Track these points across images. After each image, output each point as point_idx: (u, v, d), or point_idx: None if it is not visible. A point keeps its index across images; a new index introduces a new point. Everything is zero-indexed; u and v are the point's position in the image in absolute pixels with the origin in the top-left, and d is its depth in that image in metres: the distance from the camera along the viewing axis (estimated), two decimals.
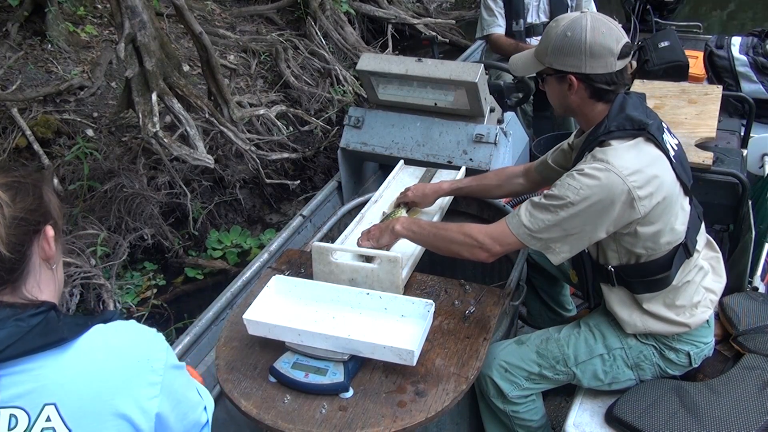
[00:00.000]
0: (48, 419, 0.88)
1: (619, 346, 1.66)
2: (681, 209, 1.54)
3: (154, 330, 1.02)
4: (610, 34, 1.48)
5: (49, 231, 0.96)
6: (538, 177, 1.96)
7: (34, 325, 0.89)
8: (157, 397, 0.94)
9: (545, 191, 1.54)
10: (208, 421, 1.07)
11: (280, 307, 1.63)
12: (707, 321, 1.67)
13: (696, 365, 1.68)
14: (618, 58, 1.49)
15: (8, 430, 0.88)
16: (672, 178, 1.50)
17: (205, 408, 1.07)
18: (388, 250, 1.80)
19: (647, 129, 1.49)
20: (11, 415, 0.88)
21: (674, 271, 1.58)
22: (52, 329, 0.90)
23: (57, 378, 0.89)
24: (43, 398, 0.88)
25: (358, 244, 1.84)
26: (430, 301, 1.57)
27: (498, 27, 3.35)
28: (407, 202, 2.09)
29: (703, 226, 1.70)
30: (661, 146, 1.50)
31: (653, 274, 1.58)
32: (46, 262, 0.98)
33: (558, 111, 1.68)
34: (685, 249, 1.58)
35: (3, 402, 0.88)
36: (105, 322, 0.98)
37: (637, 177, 1.44)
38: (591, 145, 1.53)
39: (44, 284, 0.98)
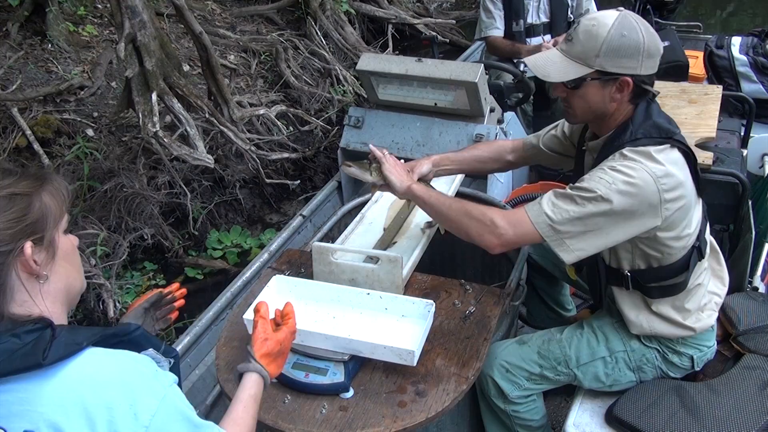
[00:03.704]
0: None
1: (621, 349, 1.65)
2: (696, 212, 1.54)
3: (165, 376, 0.94)
4: (655, 33, 1.44)
5: (27, 249, 0.90)
6: (526, 155, 1.93)
7: (28, 342, 0.86)
8: None
9: (572, 184, 1.48)
10: None
11: (280, 307, 1.62)
12: (711, 326, 1.66)
13: (698, 369, 1.68)
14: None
15: None
16: (692, 183, 1.49)
17: None
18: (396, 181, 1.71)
19: (674, 137, 1.47)
20: None
21: (689, 274, 1.57)
22: (36, 351, 0.85)
23: (38, 405, 0.85)
24: (24, 423, 0.85)
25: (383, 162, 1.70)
26: (431, 302, 1.57)
27: (496, 29, 3.35)
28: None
29: (708, 226, 1.70)
30: (687, 153, 1.48)
31: (670, 278, 1.56)
32: (33, 277, 0.93)
33: (582, 117, 1.57)
34: (698, 251, 1.57)
35: None
36: (113, 337, 0.93)
37: (667, 180, 1.41)
38: (615, 150, 1.47)
39: (39, 298, 0.93)
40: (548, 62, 1.50)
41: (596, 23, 1.43)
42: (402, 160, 2.46)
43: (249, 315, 1.56)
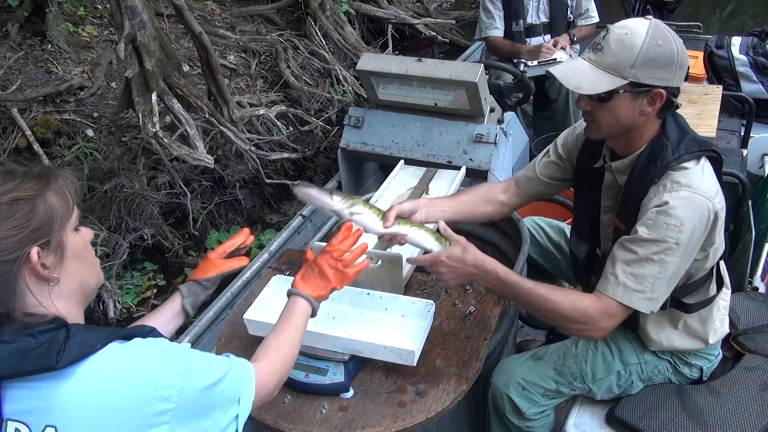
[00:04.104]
0: None
1: (635, 362, 1.63)
2: None
3: (178, 350, 0.95)
4: (681, 42, 1.39)
5: (33, 256, 0.89)
6: (523, 191, 1.79)
7: (43, 342, 0.87)
8: (166, 425, 0.89)
9: (631, 238, 1.39)
10: (237, 430, 1.01)
11: (280, 307, 1.62)
12: (725, 334, 1.65)
13: (705, 378, 1.67)
14: None
15: None
16: None
17: (236, 417, 1.00)
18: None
19: (711, 149, 1.43)
20: (16, 429, 0.87)
21: (720, 283, 1.56)
22: (50, 352, 0.86)
23: (59, 401, 0.86)
24: (45, 419, 0.86)
25: (422, 263, 1.51)
26: (431, 302, 1.57)
27: (495, 29, 3.36)
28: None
29: None
30: (719, 163, 1.45)
31: (706, 290, 1.54)
32: (43, 281, 0.92)
33: (607, 132, 1.46)
34: (722, 259, 1.55)
35: (9, 414, 0.87)
36: (127, 338, 0.93)
37: (719, 199, 1.39)
38: (660, 171, 1.40)
39: (50, 301, 0.93)
40: (578, 73, 1.40)
41: (629, 32, 1.35)
42: (402, 161, 2.48)
43: (249, 315, 1.56)
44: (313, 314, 1.29)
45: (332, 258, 1.30)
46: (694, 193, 1.35)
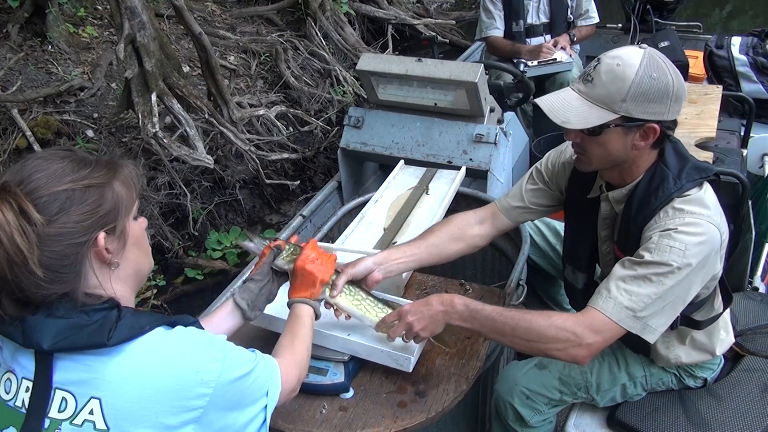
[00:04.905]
0: (91, 412, 0.90)
1: (641, 374, 1.62)
2: None
3: (217, 339, 1.01)
4: (680, 74, 1.33)
5: (100, 240, 0.94)
6: (508, 223, 1.72)
7: (96, 320, 0.91)
8: (201, 409, 0.93)
9: (633, 259, 1.33)
10: (265, 420, 1.06)
11: (283, 302, 1.62)
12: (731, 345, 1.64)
13: (708, 386, 1.66)
14: None
15: (58, 411, 0.91)
16: None
17: (264, 408, 1.06)
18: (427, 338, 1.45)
19: (712, 174, 1.39)
20: (63, 398, 0.91)
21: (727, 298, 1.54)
22: (102, 330, 0.90)
23: (107, 375, 0.90)
24: (91, 390, 0.90)
25: (387, 334, 1.42)
26: None
27: (495, 29, 3.36)
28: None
29: None
30: (718, 185, 1.42)
31: (711, 306, 1.52)
32: (105, 264, 0.97)
33: (598, 165, 1.41)
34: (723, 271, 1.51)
35: (58, 383, 0.91)
36: (171, 325, 0.97)
37: (723, 223, 1.35)
38: (662, 203, 1.35)
39: (109, 284, 0.97)
40: (566, 105, 1.33)
41: (621, 63, 1.28)
42: (402, 161, 2.49)
43: None
44: (317, 316, 1.36)
45: (307, 259, 1.38)
46: (699, 219, 1.31)
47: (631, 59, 1.29)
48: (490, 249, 2.19)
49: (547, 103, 1.37)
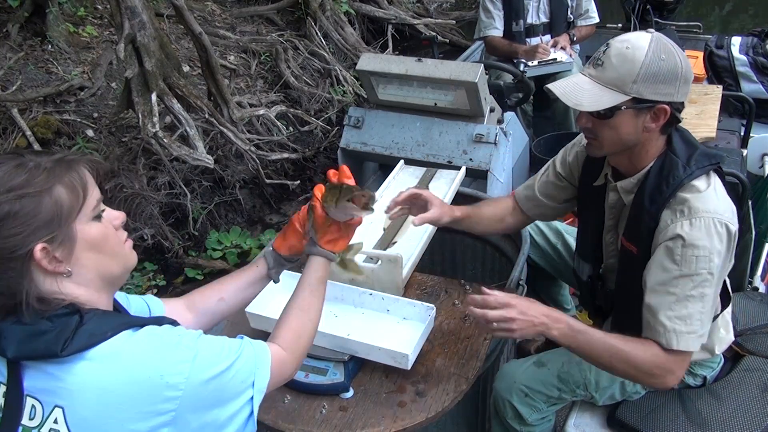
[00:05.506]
0: (56, 421, 0.88)
1: None
2: None
3: (188, 337, 0.95)
4: (685, 55, 1.35)
5: (36, 253, 0.88)
6: (524, 217, 1.78)
7: (57, 327, 0.88)
8: (173, 412, 0.89)
9: (661, 282, 1.34)
10: (252, 412, 1.00)
11: (283, 303, 1.63)
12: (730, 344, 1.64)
13: (708, 385, 1.66)
14: None
15: (29, 418, 0.89)
16: None
17: (251, 399, 0.99)
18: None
19: (721, 162, 1.40)
20: (33, 405, 0.89)
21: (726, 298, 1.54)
22: (58, 338, 0.87)
23: (68, 383, 0.87)
24: (55, 399, 0.88)
25: (484, 316, 1.36)
26: (432, 306, 1.56)
27: (495, 29, 3.36)
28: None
29: None
30: (723, 175, 1.43)
31: (724, 302, 1.53)
32: (54, 273, 0.91)
33: (609, 149, 1.43)
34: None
35: (27, 390, 0.89)
36: (141, 326, 0.93)
37: (734, 217, 1.36)
38: (673, 190, 1.36)
39: (68, 290, 0.92)
40: (578, 89, 1.36)
41: (630, 46, 1.31)
42: (402, 161, 2.48)
43: (252, 308, 1.56)
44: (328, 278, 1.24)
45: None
46: (714, 218, 1.31)
47: (639, 42, 1.31)
48: (490, 249, 2.19)
49: (560, 87, 1.39)
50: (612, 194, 1.53)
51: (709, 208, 1.33)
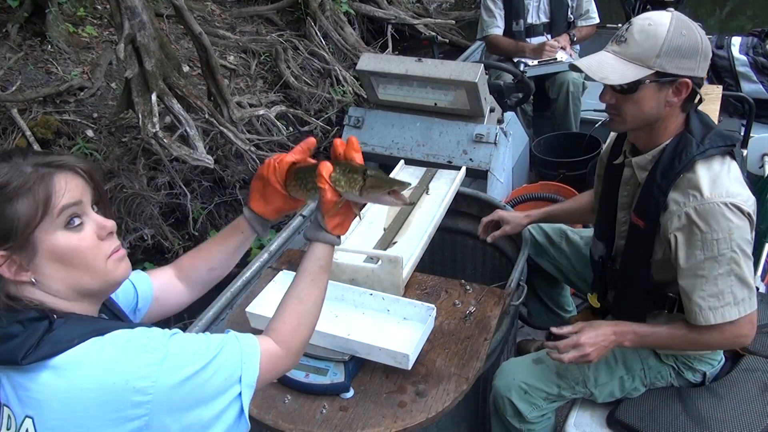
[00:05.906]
0: (27, 431, 0.86)
1: (639, 368, 1.62)
2: None
3: (158, 338, 0.90)
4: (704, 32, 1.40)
5: None
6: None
7: (26, 332, 0.86)
8: (145, 417, 0.85)
9: (688, 268, 1.40)
10: (241, 409, 0.96)
11: (276, 302, 1.63)
12: None
13: (707, 384, 1.66)
14: None
15: (6, 428, 0.88)
16: None
17: (239, 396, 0.95)
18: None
19: (736, 143, 1.43)
20: (8, 415, 0.87)
21: None
22: (22, 346, 0.84)
23: (34, 392, 0.85)
24: (25, 409, 0.86)
25: (563, 358, 1.48)
26: (432, 306, 1.56)
27: (496, 28, 3.36)
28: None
29: None
30: (736, 158, 1.45)
31: None
32: (17, 282, 0.89)
33: (632, 124, 1.46)
34: None
35: (3, 399, 0.88)
36: (103, 333, 0.89)
37: (749, 200, 1.39)
38: (685, 166, 1.40)
39: (42, 296, 0.90)
40: (603, 64, 1.41)
41: (652, 23, 1.36)
42: (402, 161, 2.48)
43: (252, 308, 1.56)
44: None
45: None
46: (727, 201, 1.35)
47: (661, 19, 1.37)
48: (490, 249, 2.19)
49: (585, 63, 1.44)
50: (627, 170, 1.57)
51: (723, 192, 1.36)
